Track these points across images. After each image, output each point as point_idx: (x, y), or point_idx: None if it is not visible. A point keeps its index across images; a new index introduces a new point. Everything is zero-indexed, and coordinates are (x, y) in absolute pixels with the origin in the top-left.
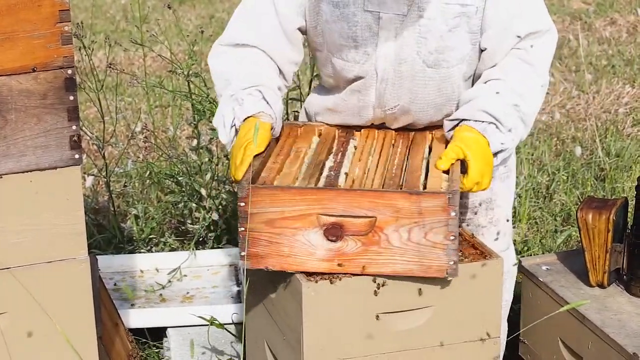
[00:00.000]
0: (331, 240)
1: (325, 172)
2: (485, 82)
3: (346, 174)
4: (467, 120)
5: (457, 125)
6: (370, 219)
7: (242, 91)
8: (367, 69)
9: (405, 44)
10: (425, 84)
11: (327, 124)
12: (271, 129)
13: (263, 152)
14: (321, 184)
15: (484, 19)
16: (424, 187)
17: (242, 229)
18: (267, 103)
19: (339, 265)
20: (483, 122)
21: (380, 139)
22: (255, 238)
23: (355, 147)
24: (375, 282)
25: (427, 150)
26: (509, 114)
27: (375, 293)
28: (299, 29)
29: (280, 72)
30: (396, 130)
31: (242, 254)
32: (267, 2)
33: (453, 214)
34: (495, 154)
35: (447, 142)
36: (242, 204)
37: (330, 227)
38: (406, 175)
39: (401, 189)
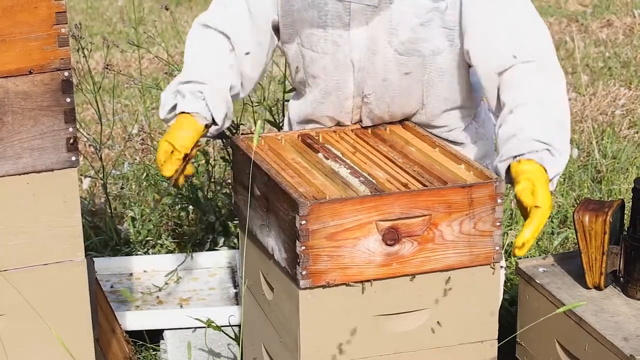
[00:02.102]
0: (389, 245)
1: (353, 180)
2: (511, 112)
3: (374, 177)
4: (522, 154)
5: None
6: (425, 217)
7: (187, 85)
8: (340, 59)
9: (377, 34)
10: (398, 70)
11: (284, 132)
12: (205, 128)
13: (190, 152)
14: (364, 190)
15: (462, 18)
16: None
17: (304, 247)
18: (207, 105)
19: (398, 267)
20: (537, 151)
21: (349, 140)
22: (316, 255)
23: (342, 152)
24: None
25: (411, 141)
26: (556, 135)
27: (363, 290)
28: (272, 25)
29: (242, 67)
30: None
31: (303, 272)
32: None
33: (499, 200)
34: (551, 179)
35: (421, 136)
36: (304, 222)
37: (387, 232)
38: (428, 170)
39: (446, 184)
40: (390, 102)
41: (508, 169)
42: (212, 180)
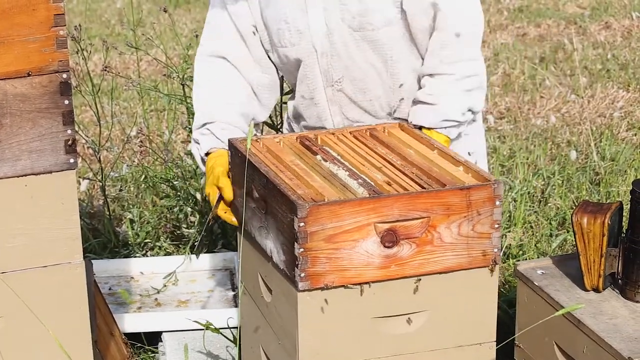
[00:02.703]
0: (388, 247)
1: (351, 182)
2: (430, 76)
3: (372, 179)
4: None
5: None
6: (424, 219)
7: (197, 131)
8: (304, 47)
9: (331, 14)
10: (357, 46)
11: (282, 135)
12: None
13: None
14: (362, 192)
15: None
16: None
17: (302, 249)
18: (217, 138)
19: (396, 270)
20: (447, 127)
21: (348, 142)
22: (314, 257)
23: (340, 154)
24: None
25: (409, 143)
26: (464, 105)
27: (361, 292)
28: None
29: (251, 85)
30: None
31: (302, 275)
32: (222, 12)
33: (498, 202)
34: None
35: (419, 138)
36: (302, 224)
37: (386, 234)
38: (427, 172)
39: (444, 186)
40: (363, 86)
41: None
42: None
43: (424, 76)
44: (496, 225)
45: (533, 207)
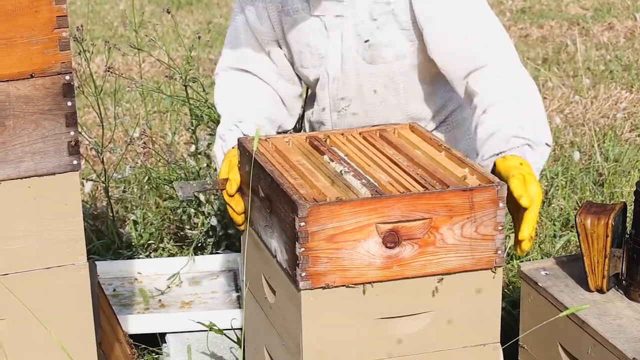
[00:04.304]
0: (390, 247)
1: (355, 182)
2: (485, 112)
3: (376, 180)
4: (504, 151)
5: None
6: (426, 220)
7: (224, 128)
8: (321, 71)
9: (347, 42)
10: (369, 80)
11: (292, 135)
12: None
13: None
14: (365, 193)
15: (416, 16)
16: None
17: (303, 249)
18: (245, 135)
19: (398, 270)
20: (519, 147)
21: (356, 142)
22: (315, 257)
23: (347, 154)
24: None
25: (417, 144)
26: (533, 130)
27: (364, 292)
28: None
29: (277, 93)
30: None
31: (303, 274)
32: (244, 27)
33: (501, 204)
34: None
35: (428, 139)
36: (303, 223)
37: (388, 234)
38: (432, 173)
39: (447, 187)
40: (369, 117)
41: (493, 168)
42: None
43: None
44: (499, 227)
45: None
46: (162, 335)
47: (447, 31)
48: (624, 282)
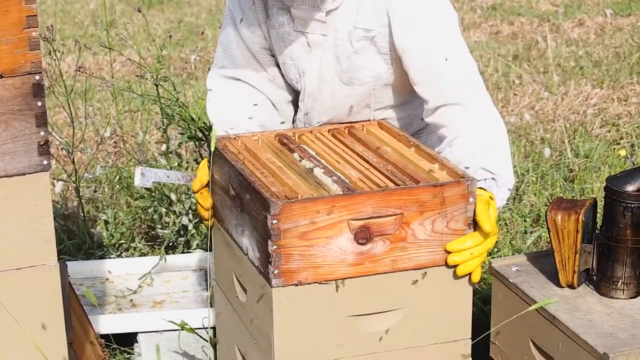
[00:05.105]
0: (361, 244)
1: (326, 179)
2: (451, 144)
3: (347, 177)
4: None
5: None
6: (397, 216)
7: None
8: (301, 85)
9: (326, 62)
10: (342, 101)
11: (261, 133)
12: None
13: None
14: (336, 190)
15: (395, 44)
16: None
17: (275, 247)
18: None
19: (370, 266)
20: (486, 179)
21: (325, 140)
22: (287, 254)
23: (317, 152)
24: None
25: (386, 141)
26: (500, 165)
27: (336, 289)
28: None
29: (269, 100)
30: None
31: (275, 272)
32: (235, 35)
33: (471, 199)
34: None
35: (397, 135)
36: (275, 221)
37: (359, 231)
38: (402, 169)
39: (418, 183)
40: (337, 121)
41: None
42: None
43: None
44: (470, 222)
45: (507, 204)
46: (134, 335)
47: (425, 64)
48: (594, 277)
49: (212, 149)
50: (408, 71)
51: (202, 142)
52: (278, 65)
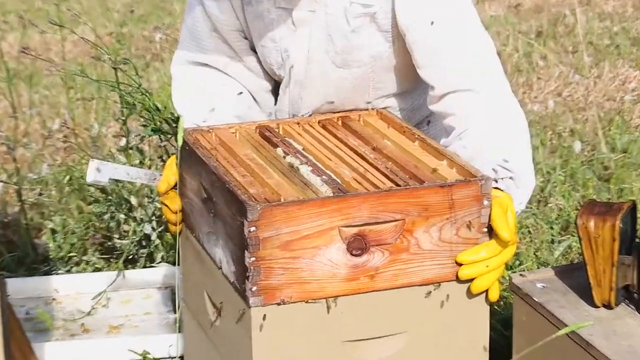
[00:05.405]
0: (356, 255)
1: (314, 179)
2: (461, 137)
3: (338, 175)
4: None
5: None
6: (398, 222)
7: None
8: (285, 72)
9: (316, 42)
10: (337, 85)
11: (239, 124)
12: None
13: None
14: (326, 191)
15: (399, 22)
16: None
17: (253, 258)
18: None
19: (366, 282)
20: (503, 179)
21: (314, 132)
22: (268, 267)
23: (304, 147)
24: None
25: (386, 133)
26: (518, 162)
27: (328, 310)
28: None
29: (245, 88)
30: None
31: (253, 289)
32: (203, 17)
33: (486, 202)
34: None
35: (399, 127)
36: (253, 228)
37: (353, 240)
38: (404, 167)
39: (422, 183)
40: (329, 109)
41: None
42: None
43: None
44: (484, 229)
45: (531, 208)
46: None
47: (432, 44)
48: (635, 295)
49: (180, 143)
50: (412, 52)
51: (169, 136)
52: (254, 50)
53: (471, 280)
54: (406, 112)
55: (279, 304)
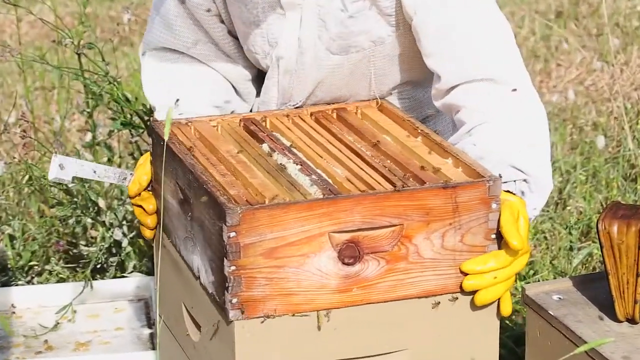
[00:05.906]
0: (348, 264)
1: (302, 179)
2: (470, 133)
3: (330, 175)
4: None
5: None
6: (395, 227)
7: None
8: (272, 61)
9: (307, 28)
10: (332, 72)
11: (222, 117)
12: None
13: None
14: (315, 192)
15: (404, 6)
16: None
17: (233, 267)
18: None
19: (359, 294)
20: (515, 181)
21: (305, 126)
22: (250, 277)
23: (293, 142)
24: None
25: (386, 127)
26: (533, 162)
27: (318, 325)
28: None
29: (224, 77)
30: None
31: (233, 301)
32: (176, 3)
33: (495, 205)
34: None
35: (401, 121)
36: (233, 234)
37: (345, 247)
38: (404, 165)
39: (423, 183)
40: (323, 98)
41: None
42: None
43: None
44: (492, 236)
45: (548, 211)
46: None
47: (442, 29)
48: None
49: (167, 137)
50: (419, 39)
51: (141, 131)
52: (233, 35)
53: (475, 292)
54: (411, 105)
55: (263, 319)
